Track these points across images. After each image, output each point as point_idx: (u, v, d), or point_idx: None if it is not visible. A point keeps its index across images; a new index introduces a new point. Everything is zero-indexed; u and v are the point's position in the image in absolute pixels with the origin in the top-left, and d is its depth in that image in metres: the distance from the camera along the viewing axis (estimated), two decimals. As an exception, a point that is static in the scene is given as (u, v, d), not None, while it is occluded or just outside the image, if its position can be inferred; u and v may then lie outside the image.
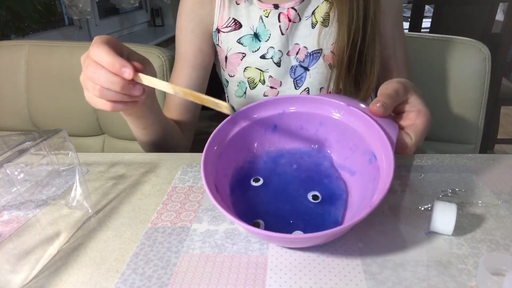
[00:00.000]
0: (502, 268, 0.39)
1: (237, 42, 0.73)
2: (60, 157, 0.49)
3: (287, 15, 0.70)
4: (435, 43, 0.91)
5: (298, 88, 0.74)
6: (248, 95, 0.77)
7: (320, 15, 0.70)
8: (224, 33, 0.74)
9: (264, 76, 0.74)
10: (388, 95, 0.48)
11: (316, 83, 0.74)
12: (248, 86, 0.76)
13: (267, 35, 0.72)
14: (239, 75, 0.76)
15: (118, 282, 0.41)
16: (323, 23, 0.70)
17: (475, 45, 0.89)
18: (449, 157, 0.64)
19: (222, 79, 0.82)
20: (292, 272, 0.41)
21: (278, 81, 0.74)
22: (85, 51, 0.51)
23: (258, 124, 0.53)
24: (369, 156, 0.48)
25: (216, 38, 0.75)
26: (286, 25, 0.71)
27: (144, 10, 3.01)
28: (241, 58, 0.74)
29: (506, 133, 2.76)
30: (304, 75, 0.73)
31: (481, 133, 0.93)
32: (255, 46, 0.73)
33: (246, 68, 0.74)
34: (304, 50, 0.72)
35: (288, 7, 0.70)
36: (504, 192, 0.54)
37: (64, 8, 2.09)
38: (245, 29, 0.73)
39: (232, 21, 0.73)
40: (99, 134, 1.01)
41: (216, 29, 0.74)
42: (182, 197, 0.55)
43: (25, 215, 0.48)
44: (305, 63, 0.73)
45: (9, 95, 0.98)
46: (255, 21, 0.72)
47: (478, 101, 0.91)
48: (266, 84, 0.74)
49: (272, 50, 0.72)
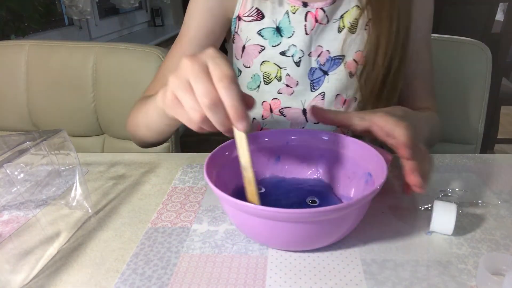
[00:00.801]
0: (502, 268, 0.39)
1: (257, 33, 0.70)
2: (60, 157, 0.49)
3: (314, 15, 0.68)
4: (436, 43, 0.91)
5: (314, 91, 0.72)
6: (261, 90, 0.75)
7: (348, 20, 0.68)
8: (245, 22, 0.71)
9: (281, 73, 0.72)
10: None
11: (333, 88, 0.72)
12: (263, 81, 0.74)
13: (291, 32, 0.69)
14: (255, 68, 0.73)
15: (118, 282, 0.41)
16: (350, 29, 0.69)
17: (476, 45, 0.89)
18: (449, 157, 0.64)
19: (234, 68, 0.79)
20: (292, 272, 0.41)
21: (295, 81, 0.72)
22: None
23: (262, 151, 0.54)
24: (365, 178, 0.49)
25: (236, 25, 0.72)
26: (312, 25, 0.68)
27: (144, 10, 3.01)
28: (260, 51, 0.71)
29: (506, 133, 2.76)
30: (322, 78, 0.72)
31: (482, 134, 0.93)
32: (275, 41, 0.70)
33: (263, 62, 0.72)
34: (327, 53, 0.70)
35: (317, 7, 0.68)
36: (504, 192, 0.55)
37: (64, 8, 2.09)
38: (267, 21, 0.70)
39: (255, 10, 0.70)
40: (99, 134, 1.01)
41: (237, 16, 0.71)
42: (182, 198, 0.55)
43: (25, 215, 0.48)
44: (325, 67, 0.71)
45: (9, 95, 0.98)
46: (279, 14, 0.69)
47: (479, 101, 0.91)
48: (282, 82, 0.72)
49: (294, 48, 0.70)
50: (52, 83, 0.96)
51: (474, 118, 0.92)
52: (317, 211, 0.38)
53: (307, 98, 0.73)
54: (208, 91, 0.39)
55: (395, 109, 0.54)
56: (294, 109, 0.74)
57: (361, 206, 0.41)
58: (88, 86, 0.94)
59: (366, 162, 0.49)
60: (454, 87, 0.91)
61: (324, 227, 0.41)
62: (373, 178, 0.47)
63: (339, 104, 0.73)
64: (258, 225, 0.41)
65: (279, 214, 0.38)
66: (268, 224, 0.40)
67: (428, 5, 0.73)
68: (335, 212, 0.39)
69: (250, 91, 0.77)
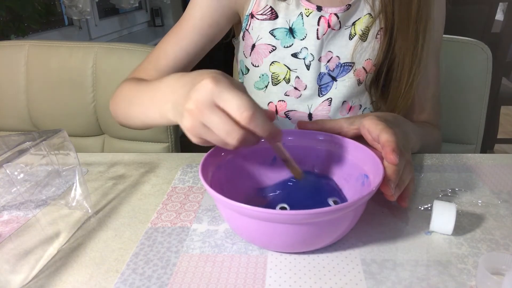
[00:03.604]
0: (501, 267, 0.39)
1: (270, 33, 0.69)
2: (60, 157, 0.49)
3: (327, 20, 0.67)
4: (435, 43, 0.91)
5: (322, 96, 0.72)
6: (268, 90, 0.74)
7: (360, 28, 0.68)
8: (258, 20, 0.69)
9: (290, 75, 0.71)
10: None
11: (340, 95, 0.71)
12: (271, 81, 0.73)
13: (304, 34, 0.68)
14: (264, 68, 0.72)
15: (118, 282, 0.41)
16: (361, 37, 0.68)
17: (476, 45, 0.89)
18: (448, 156, 0.64)
19: (240, 65, 0.78)
20: (292, 272, 0.41)
21: (303, 84, 0.71)
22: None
23: (258, 152, 0.53)
24: (362, 180, 0.49)
25: (247, 23, 0.71)
26: (324, 30, 0.68)
27: (144, 10, 3.01)
28: (270, 50, 0.70)
29: (505, 132, 2.76)
30: (330, 84, 0.71)
31: (482, 133, 0.93)
32: (288, 42, 0.69)
33: (273, 62, 0.71)
34: (336, 59, 0.70)
35: (331, 12, 0.67)
36: (503, 191, 0.55)
37: (64, 8, 2.09)
38: (280, 21, 0.69)
39: (269, 9, 0.68)
40: (99, 134, 1.01)
41: (250, 13, 0.70)
42: (182, 197, 0.55)
43: (25, 215, 0.48)
44: (334, 73, 0.70)
45: (9, 96, 0.98)
46: (293, 16, 0.68)
47: (479, 101, 0.91)
48: (290, 84, 0.72)
49: (306, 51, 0.69)
50: (52, 83, 0.96)
51: (474, 118, 0.92)
52: (314, 212, 0.37)
53: (314, 103, 0.72)
54: (231, 128, 0.39)
55: (386, 115, 0.54)
56: (300, 112, 0.74)
57: (357, 207, 0.41)
58: (88, 86, 0.94)
59: (363, 163, 0.49)
60: (454, 87, 0.91)
61: (321, 228, 0.40)
62: (370, 179, 0.47)
63: (344, 111, 0.73)
64: (254, 227, 0.41)
65: (273, 215, 0.38)
66: (263, 226, 0.40)
67: (442, 17, 0.73)
68: (332, 214, 0.39)
69: (257, 90, 0.76)
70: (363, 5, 0.68)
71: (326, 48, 0.69)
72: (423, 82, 0.73)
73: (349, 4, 0.67)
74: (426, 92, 0.75)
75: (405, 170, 0.48)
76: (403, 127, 0.54)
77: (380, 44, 0.69)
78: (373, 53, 0.69)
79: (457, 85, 0.91)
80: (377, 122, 0.49)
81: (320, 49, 0.69)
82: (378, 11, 0.67)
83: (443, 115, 0.92)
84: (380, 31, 0.68)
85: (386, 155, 0.45)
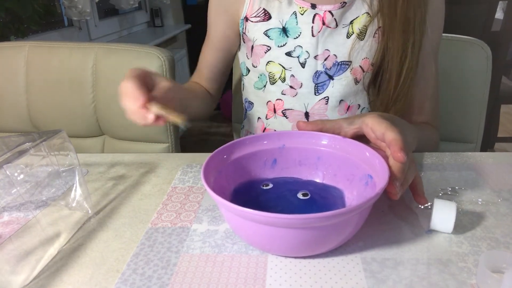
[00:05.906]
0: (502, 265, 0.39)
1: (264, 34, 0.71)
2: (60, 158, 0.49)
3: (322, 18, 0.68)
4: (435, 42, 0.91)
5: (318, 95, 0.72)
6: (267, 89, 0.75)
7: (357, 27, 0.68)
8: (252, 23, 0.72)
9: (285, 74, 0.72)
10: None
11: (337, 94, 0.72)
12: (269, 81, 0.74)
13: (297, 33, 0.69)
14: (261, 68, 0.74)
15: (119, 282, 0.41)
16: (359, 36, 0.69)
17: (476, 43, 0.89)
18: (449, 155, 0.64)
19: (243, 66, 0.80)
20: (292, 272, 0.41)
21: (299, 82, 0.72)
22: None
23: (258, 155, 0.54)
24: (365, 180, 0.48)
25: (243, 26, 0.73)
26: (319, 28, 0.68)
27: (144, 10, 3.01)
28: (266, 51, 0.72)
29: (506, 131, 2.76)
30: (327, 83, 0.71)
31: (482, 132, 0.93)
32: (281, 41, 0.70)
33: (268, 62, 0.72)
34: (334, 58, 0.70)
35: (325, 10, 0.68)
36: (504, 190, 0.54)
37: (64, 9, 2.09)
38: (274, 21, 0.70)
39: (262, 11, 0.70)
40: (99, 135, 1.01)
41: (245, 17, 0.72)
42: (182, 198, 0.55)
43: (25, 216, 0.48)
44: (331, 72, 0.71)
45: (9, 96, 0.98)
46: (286, 15, 0.69)
47: (480, 100, 0.91)
48: (286, 83, 0.72)
49: (300, 49, 0.70)
50: (52, 84, 0.96)
51: (474, 116, 0.92)
52: (317, 216, 0.37)
53: (311, 102, 0.73)
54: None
55: (383, 115, 0.54)
56: (297, 111, 0.74)
57: (362, 210, 0.41)
58: (87, 87, 0.94)
59: (366, 164, 0.49)
60: (454, 86, 0.91)
61: (324, 232, 0.40)
62: (374, 179, 0.46)
63: (342, 110, 0.73)
64: (255, 231, 0.41)
65: (275, 219, 0.38)
66: (265, 230, 0.40)
67: (439, 19, 0.72)
68: (336, 217, 0.38)
69: (257, 90, 0.78)
70: (361, 4, 0.68)
71: (323, 46, 0.70)
72: (421, 83, 0.73)
73: (344, 2, 0.67)
74: (425, 93, 0.75)
75: (409, 169, 0.48)
76: (399, 127, 0.54)
77: (377, 43, 0.69)
78: (370, 52, 0.69)
79: (457, 83, 0.91)
80: (381, 120, 0.48)
81: (316, 47, 0.70)
82: (377, 10, 0.67)
83: (443, 114, 0.92)
84: (378, 30, 0.68)
85: (394, 154, 0.45)
